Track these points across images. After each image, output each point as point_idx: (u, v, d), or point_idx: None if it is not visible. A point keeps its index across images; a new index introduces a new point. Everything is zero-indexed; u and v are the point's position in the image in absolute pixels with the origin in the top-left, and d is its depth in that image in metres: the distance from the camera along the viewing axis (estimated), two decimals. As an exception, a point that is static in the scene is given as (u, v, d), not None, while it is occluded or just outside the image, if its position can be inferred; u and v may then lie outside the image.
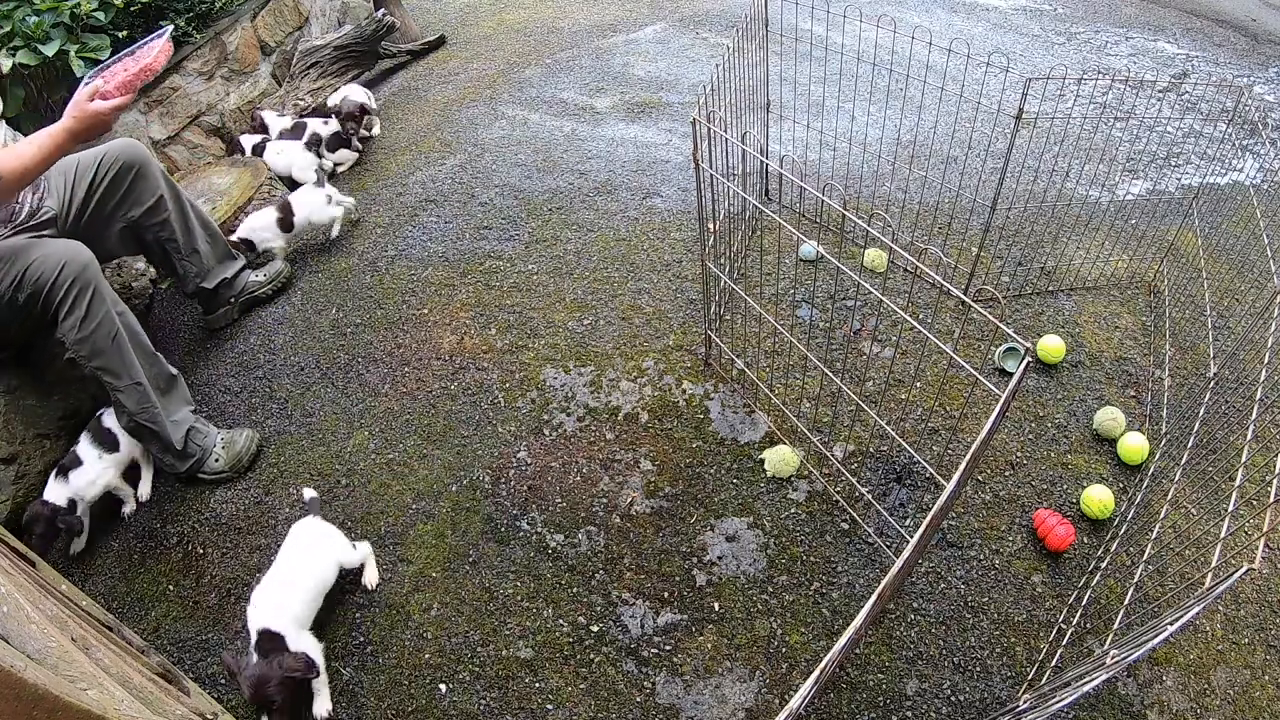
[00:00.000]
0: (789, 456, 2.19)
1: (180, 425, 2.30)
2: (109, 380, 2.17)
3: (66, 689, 1.01)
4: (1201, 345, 2.56)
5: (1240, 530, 1.88)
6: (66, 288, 2.08)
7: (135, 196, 2.45)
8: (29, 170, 1.97)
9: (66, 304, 2.08)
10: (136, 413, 2.21)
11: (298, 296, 2.95)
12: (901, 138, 3.56)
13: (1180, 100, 4.15)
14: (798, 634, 1.89)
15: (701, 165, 1.91)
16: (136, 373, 2.20)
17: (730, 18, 4.88)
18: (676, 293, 2.74)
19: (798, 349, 2.36)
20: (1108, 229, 2.97)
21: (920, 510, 2.09)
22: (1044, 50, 4.68)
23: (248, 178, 3.24)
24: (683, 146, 3.54)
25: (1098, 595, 1.93)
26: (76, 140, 2.02)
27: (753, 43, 2.60)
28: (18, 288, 2.05)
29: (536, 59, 4.49)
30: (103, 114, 1.99)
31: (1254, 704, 1.80)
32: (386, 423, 2.44)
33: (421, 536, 2.15)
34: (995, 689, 1.80)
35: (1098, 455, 2.25)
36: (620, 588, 2.00)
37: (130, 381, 2.19)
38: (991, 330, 2.58)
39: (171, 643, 2.03)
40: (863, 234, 2.97)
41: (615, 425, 2.34)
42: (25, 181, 2.00)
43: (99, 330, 2.13)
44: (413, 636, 1.96)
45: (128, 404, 2.19)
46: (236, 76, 3.95)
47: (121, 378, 2.17)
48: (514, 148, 3.60)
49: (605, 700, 1.81)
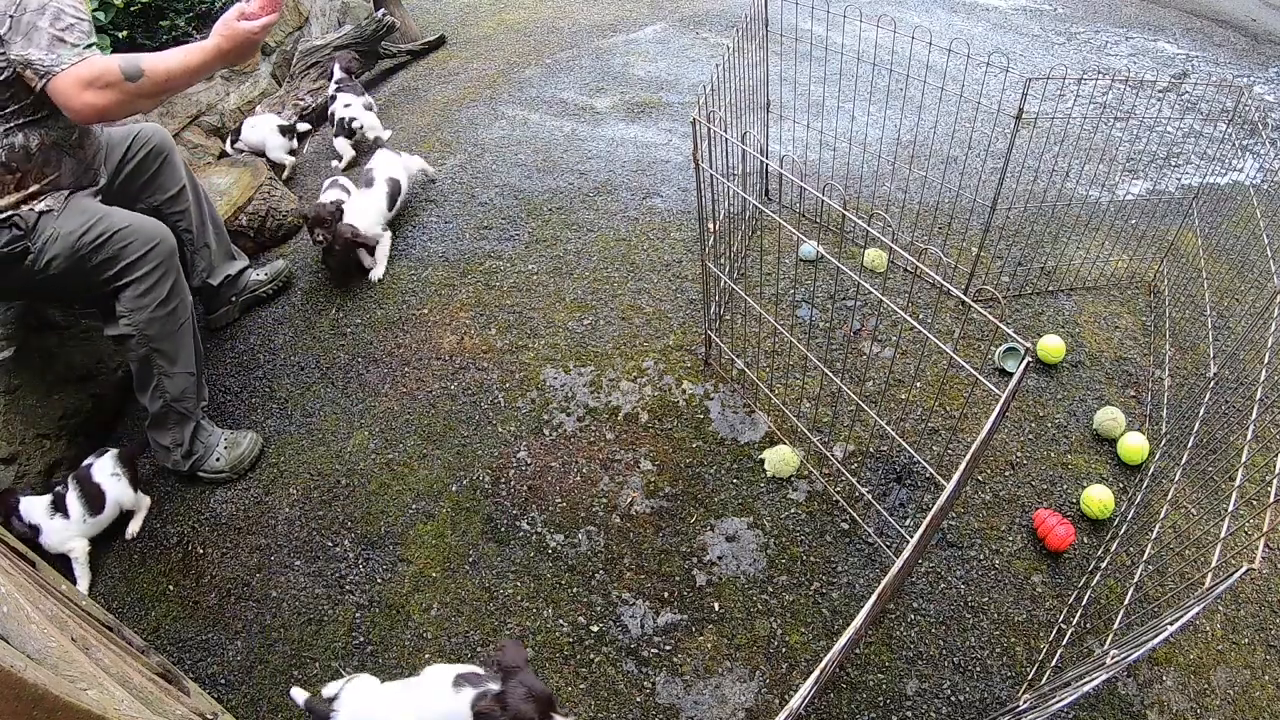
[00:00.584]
0: (789, 456, 2.19)
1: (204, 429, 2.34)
2: (161, 363, 2.19)
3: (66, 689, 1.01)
4: (1201, 345, 2.56)
5: (1240, 530, 1.88)
6: (153, 267, 2.12)
7: (160, 183, 2.47)
8: (173, 77, 1.93)
9: (147, 282, 2.11)
10: (177, 399, 2.23)
11: (298, 296, 2.95)
12: (901, 138, 3.56)
13: (1180, 100, 4.15)
14: (798, 634, 1.89)
15: (701, 165, 1.91)
16: (190, 362, 2.25)
17: (730, 18, 4.88)
18: (676, 293, 2.74)
19: (798, 349, 2.36)
20: (1108, 229, 2.97)
21: (920, 510, 2.09)
22: (1044, 50, 4.68)
23: (248, 178, 3.24)
24: (683, 146, 3.54)
25: (1098, 595, 1.93)
26: (225, 60, 2.00)
27: (753, 43, 2.60)
28: (97, 249, 2.06)
29: (536, 59, 4.49)
30: (253, 32, 1.97)
31: (1254, 704, 1.80)
32: (386, 423, 2.44)
33: (421, 536, 2.15)
34: (995, 689, 1.80)
35: (1098, 455, 2.25)
36: (620, 588, 2.00)
37: (183, 370, 2.23)
38: (991, 330, 2.58)
39: (171, 643, 2.03)
40: (863, 234, 2.97)
41: (615, 425, 2.34)
42: (168, 89, 1.97)
43: (174, 315, 2.18)
44: (413, 636, 1.96)
45: (171, 389, 2.22)
46: (236, 76, 3.96)
47: (176, 363, 2.22)
48: (514, 148, 3.60)
49: (605, 700, 1.81)
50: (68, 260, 2.04)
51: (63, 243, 2.02)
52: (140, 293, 2.11)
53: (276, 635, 2.01)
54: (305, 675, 1.92)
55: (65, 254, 2.03)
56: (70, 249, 2.03)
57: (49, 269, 2.03)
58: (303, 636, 2.00)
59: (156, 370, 2.20)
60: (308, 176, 3.68)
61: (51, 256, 2.02)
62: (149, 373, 2.20)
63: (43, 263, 2.02)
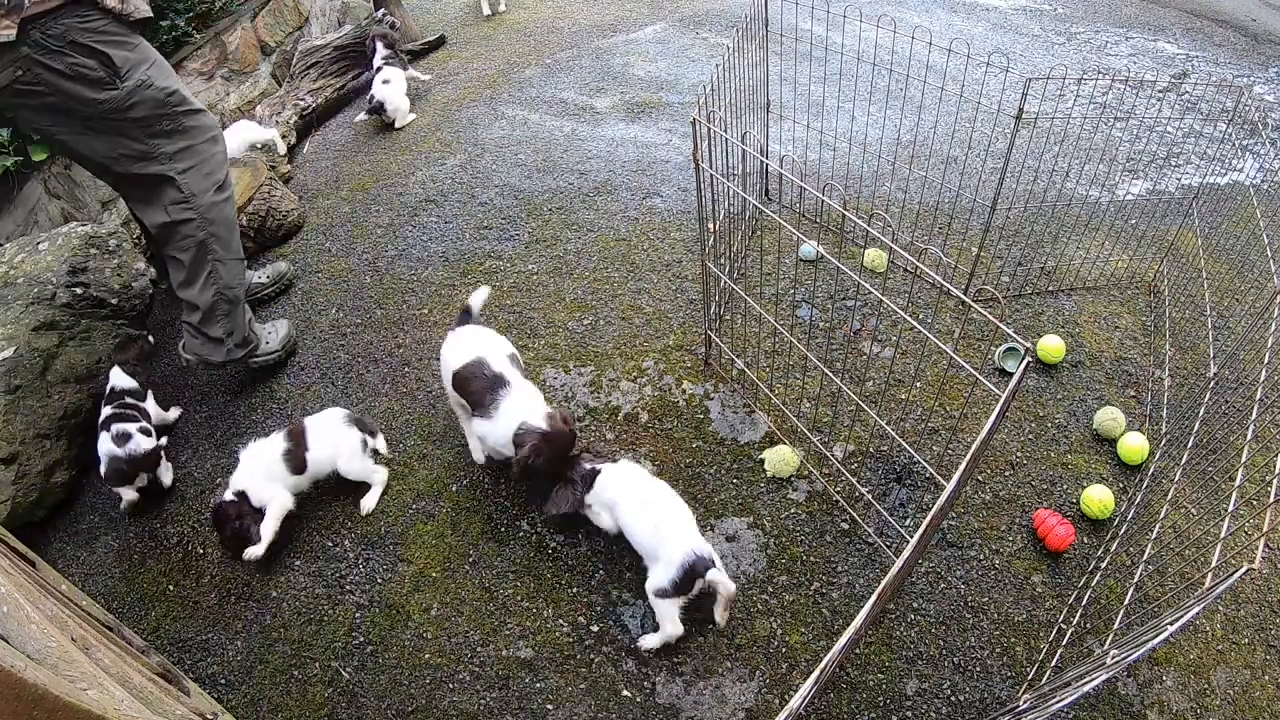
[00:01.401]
0: (789, 456, 2.19)
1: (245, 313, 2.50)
2: (217, 249, 2.29)
3: (66, 689, 1.01)
4: (1201, 345, 2.56)
5: (1240, 530, 1.88)
6: (215, 151, 2.28)
7: None
8: None
9: (210, 165, 2.26)
10: (230, 285, 2.34)
11: (298, 296, 2.95)
12: (901, 138, 3.56)
13: (1180, 100, 4.15)
14: (798, 634, 1.89)
15: (701, 165, 1.91)
16: (239, 249, 2.40)
17: (730, 18, 4.88)
18: (676, 293, 2.74)
19: (798, 349, 2.36)
20: (1108, 229, 2.97)
21: (920, 510, 2.09)
22: (1044, 50, 4.68)
23: (248, 178, 3.24)
24: (683, 146, 3.54)
25: (1098, 595, 1.93)
26: None
27: (753, 43, 2.60)
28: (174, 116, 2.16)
29: (536, 59, 4.49)
30: None
31: (1254, 704, 1.80)
32: (386, 423, 2.44)
33: (421, 536, 2.15)
34: (995, 689, 1.80)
35: (1098, 455, 2.25)
36: (620, 588, 2.00)
37: (235, 256, 2.37)
38: (991, 330, 2.58)
39: (171, 643, 2.03)
40: (863, 234, 2.97)
41: (615, 425, 2.34)
42: None
43: (229, 201, 2.34)
44: (413, 636, 1.96)
45: (225, 276, 2.32)
46: (236, 76, 3.96)
47: (229, 249, 2.35)
48: (514, 148, 3.60)
49: (605, 700, 1.81)
50: (150, 108, 2.12)
51: (154, 92, 2.12)
52: (205, 174, 2.24)
53: (276, 635, 2.01)
54: (305, 675, 1.92)
55: (153, 103, 2.12)
56: (159, 102, 2.13)
57: (128, 109, 2.08)
58: (303, 636, 1.99)
59: (211, 257, 2.29)
60: (308, 176, 3.68)
61: (138, 100, 2.10)
62: (203, 261, 2.28)
63: (127, 104, 2.08)
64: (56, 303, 2.53)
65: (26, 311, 2.45)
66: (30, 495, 2.28)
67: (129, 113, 2.08)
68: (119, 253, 2.83)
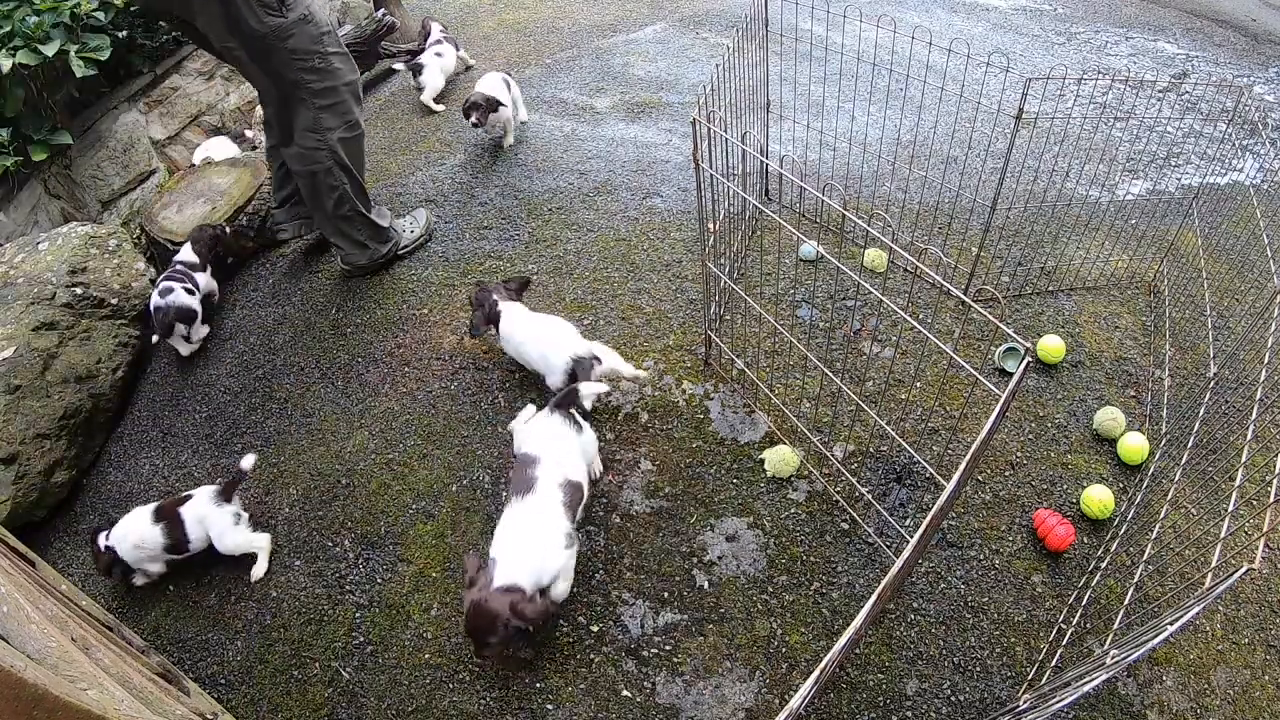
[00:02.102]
0: (789, 456, 2.19)
1: (385, 215, 2.88)
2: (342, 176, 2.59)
3: (66, 689, 1.01)
4: (1201, 345, 2.56)
5: (1240, 530, 1.88)
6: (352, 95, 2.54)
7: None
8: None
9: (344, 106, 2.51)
10: (359, 195, 2.68)
11: (298, 296, 2.95)
12: (901, 138, 3.56)
13: (1180, 100, 4.15)
14: (798, 634, 1.89)
15: (701, 165, 1.91)
16: (363, 172, 2.73)
17: (730, 18, 4.88)
18: (676, 293, 2.74)
19: (798, 349, 2.36)
20: (1108, 229, 2.97)
21: (920, 510, 2.09)
22: (1044, 50, 4.68)
23: (248, 178, 3.24)
24: (683, 146, 3.54)
25: (1098, 595, 1.93)
26: None
27: (753, 43, 2.60)
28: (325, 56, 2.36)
29: (536, 59, 4.49)
30: None
31: (1254, 704, 1.80)
32: (386, 423, 2.44)
33: (421, 536, 2.15)
34: (995, 689, 1.80)
35: (1098, 455, 2.25)
36: (620, 588, 2.00)
37: (359, 182, 2.68)
38: (991, 330, 2.58)
39: (171, 643, 2.03)
40: (863, 234, 2.97)
41: (615, 425, 2.34)
42: None
43: (360, 137, 2.64)
44: (413, 636, 1.96)
45: (353, 192, 2.66)
46: (236, 76, 3.95)
47: (356, 175, 2.66)
48: (514, 147, 3.60)
49: (605, 700, 1.81)
50: (307, 41, 2.28)
51: (311, 28, 2.29)
52: (342, 113, 2.52)
53: (276, 635, 2.01)
54: (305, 675, 1.92)
55: (309, 38, 2.29)
56: (314, 38, 2.31)
57: (287, 38, 2.23)
58: (303, 636, 2.00)
59: (339, 183, 2.60)
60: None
61: (296, 32, 2.25)
62: (334, 182, 2.57)
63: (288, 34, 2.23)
64: (56, 303, 2.54)
65: (26, 311, 2.45)
66: (30, 495, 2.28)
67: (286, 42, 2.24)
68: (119, 253, 2.83)
